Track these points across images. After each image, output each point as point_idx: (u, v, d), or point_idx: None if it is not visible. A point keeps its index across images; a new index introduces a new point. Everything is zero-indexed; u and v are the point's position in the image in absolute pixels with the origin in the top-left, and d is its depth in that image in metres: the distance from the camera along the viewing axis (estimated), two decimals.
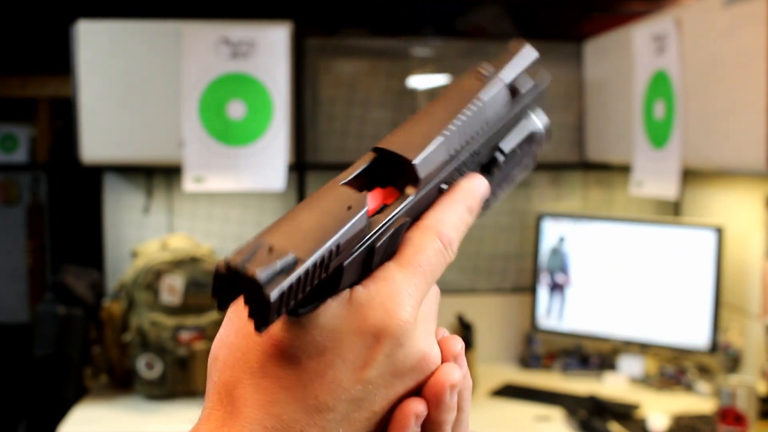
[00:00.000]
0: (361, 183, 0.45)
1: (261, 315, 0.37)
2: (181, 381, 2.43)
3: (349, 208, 0.41)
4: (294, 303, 0.39)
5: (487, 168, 0.52)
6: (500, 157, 0.52)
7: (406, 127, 0.47)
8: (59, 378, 2.46)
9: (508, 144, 0.53)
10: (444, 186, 0.47)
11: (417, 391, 0.44)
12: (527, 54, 0.55)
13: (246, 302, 0.37)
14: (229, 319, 0.44)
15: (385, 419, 0.43)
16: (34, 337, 2.46)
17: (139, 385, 2.43)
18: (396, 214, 0.44)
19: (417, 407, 0.43)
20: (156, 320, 2.42)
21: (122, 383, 2.50)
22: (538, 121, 0.56)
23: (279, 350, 0.41)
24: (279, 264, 0.37)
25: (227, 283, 0.38)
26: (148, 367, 2.41)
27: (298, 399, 0.40)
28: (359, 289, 0.42)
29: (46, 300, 2.49)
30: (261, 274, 0.36)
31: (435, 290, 0.46)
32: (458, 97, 0.50)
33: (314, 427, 0.40)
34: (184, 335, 2.43)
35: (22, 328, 4.19)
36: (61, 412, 2.36)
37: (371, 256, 0.43)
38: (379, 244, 0.43)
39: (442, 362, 0.44)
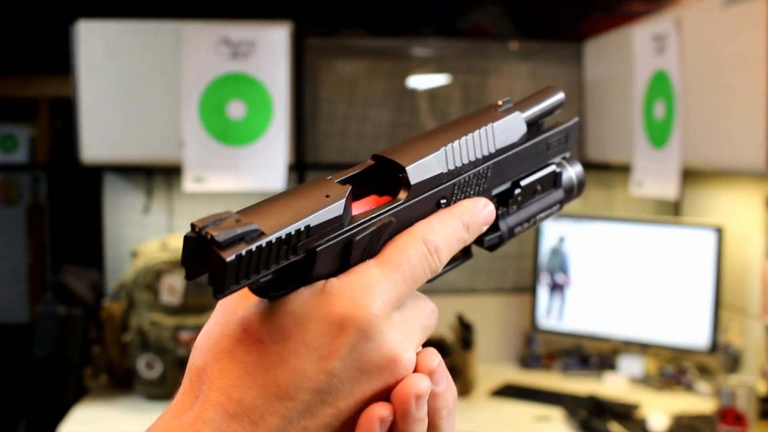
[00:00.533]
0: (359, 189, 0.46)
1: (218, 279, 0.38)
2: (180, 381, 2.42)
3: (328, 196, 0.42)
4: (259, 278, 0.39)
5: (503, 200, 0.53)
6: (516, 191, 0.53)
7: (409, 141, 0.49)
8: (59, 378, 2.46)
9: (527, 180, 0.54)
10: (443, 201, 0.48)
11: (387, 398, 0.43)
12: (553, 96, 0.56)
13: (206, 267, 0.38)
14: (214, 312, 0.45)
15: (351, 422, 0.42)
16: (34, 337, 2.45)
17: (139, 385, 2.43)
18: (381, 213, 0.44)
19: (382, 411, 0.41)
20: (156, 320, 2.42)
21: (122, 383, 2.50)
22: (571, 168, 0.57)
23: (247, 334, 0.41)
24: (240, 231, 0.38)
25: (194, 249, 0.38)
26: (148, 367, 2.41)
27: (260, 384, 0.40)
28: (332, 280, 0.42)
29: (46, 300, 2.49)
30: (219, 236, 0.37)
31: (430, 306, 0.46)
32: (469, 122, 0.51)
33: (274, 415, 0.40)
34: (184, 335, 2.43)
35: (22, 328, 4.19)
36: (61, 412, 2.36)
37: (349, 249, 0.43)
38: (358, 238, 0.43)
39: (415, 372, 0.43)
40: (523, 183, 0.53)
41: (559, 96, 0.56)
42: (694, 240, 2.55)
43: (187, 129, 2.47)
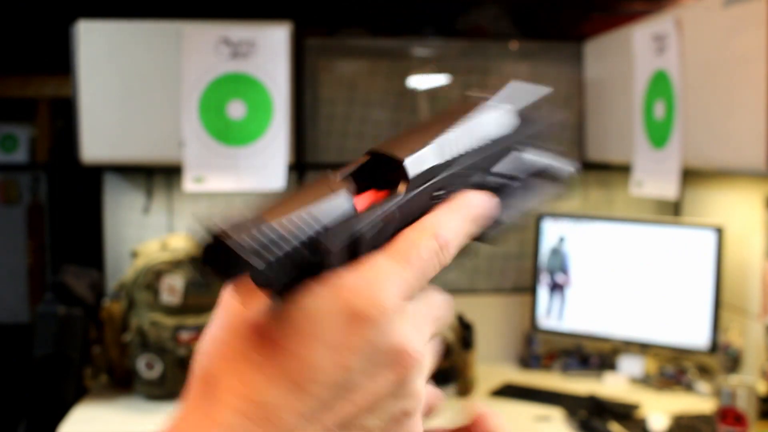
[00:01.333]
0: (357, 186, 0.45)
1: (237, 276, 0.38)
2: (181, 381, 2.43)
3: (332, 191, 0.42)
4: (279, 283, 0.39)
5: (495, 191, 0.52)
6: (489, 179, 0.52)
7: (402, 134, 0.48)
8: (59, 378, 2.46)
9: (499, 168, 0.53)
10: (439, 194, 0.48)
11: (405, 396, 0.43)
12: (538, 89, 0.56)
13: (226, 273, 0.38)
14: (216, 316, 0.44)
15: (367, 418, 0.41)
16: (34, 337, 2.45)
17: (139, 385, 2.43)
18: (385, 207, 0.44)
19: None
20: (156, 320, 2.42)
21: (122, 383, 2.50)
22: (556, 161, 0.56)
23: (258, 334, 0.41)
24: (263, 235, 0.38)
25: (211, 256, 0.38)
26: (148, 367, 2.41)
27: (276, 384, 0.39)
28: (342, 273, 0.41)
29: (46, 300, 2.49)
30: (244, 240, 0.37)
31: (440, 297, 0.45)
32: (454, 115, 0.51)
33: (291, 413, 0.39)
34: (184, 335, 2.43)
35: (22, 328, 4.19)
36: (61, 412, 2.36)
37: (358, 246, 0.42)
38: (366, 234, 0.42)
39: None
40: (494, 171, 0.53)
41: (545, 90, 0.57)
42: (694, 240, 2.55)
43: (187, 129, 2.47)
